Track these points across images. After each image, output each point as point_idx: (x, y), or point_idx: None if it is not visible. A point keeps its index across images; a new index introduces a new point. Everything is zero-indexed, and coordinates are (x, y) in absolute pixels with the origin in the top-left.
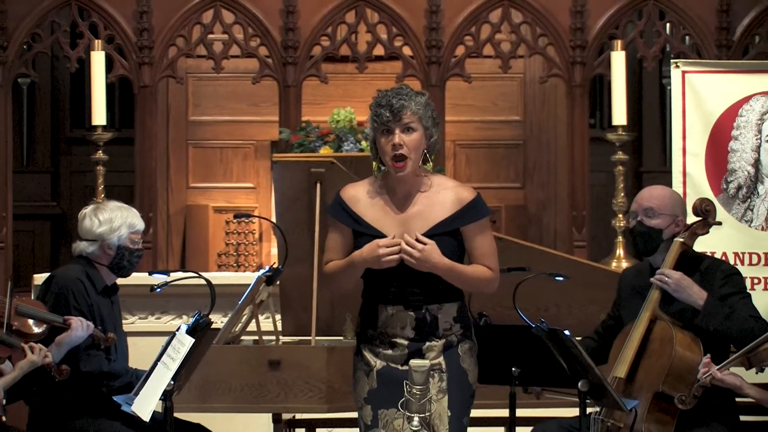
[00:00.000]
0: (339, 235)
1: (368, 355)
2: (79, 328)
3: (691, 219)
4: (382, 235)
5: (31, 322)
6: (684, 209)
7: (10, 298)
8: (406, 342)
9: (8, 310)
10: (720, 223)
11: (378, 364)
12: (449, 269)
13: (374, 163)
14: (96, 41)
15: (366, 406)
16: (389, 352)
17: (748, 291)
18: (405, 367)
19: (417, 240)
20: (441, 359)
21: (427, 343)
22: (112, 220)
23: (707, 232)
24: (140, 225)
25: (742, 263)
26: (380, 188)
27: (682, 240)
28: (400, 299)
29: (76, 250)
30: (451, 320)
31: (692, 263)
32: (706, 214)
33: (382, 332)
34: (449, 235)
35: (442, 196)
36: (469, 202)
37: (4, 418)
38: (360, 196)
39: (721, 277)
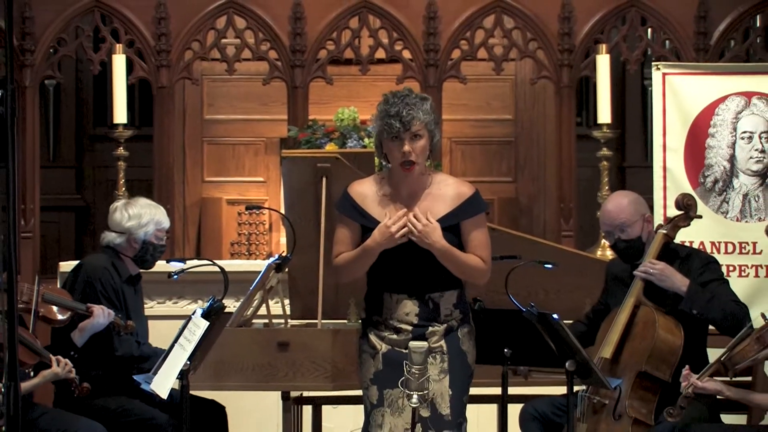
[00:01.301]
0: (347, 229)
1: (374, 339)
2: (101, 315)
3: (674, 212)
4: None
5: (55, 309)
6: (645, 204)
7: (38, 286)
8: (410, 327)
9: (36, 297)
10: (701, 217)
11: (383, 347)
12: (445, 250)
13: (377, 160)
14: (117, 45)
15: (372, 386)
16: (394, 336)
17: (725, 278)
18: (407, 349)
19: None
20: (443, 342)
21: (430, 328)
22: (141, 216)
23: (688, 225)
24: (166, 223)
25: (719, 252)
26: (386, 185)
27: (665, 232)
28: (404, 287)
29: (104, 240)
30: (452, 306)
31: (673, 254)
32: (687, 209)
33: (387, 318)
34: (449, 229)
35: (443, 192)
36: (468, 197)
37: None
38: (367, 192)
39: (700, 265)
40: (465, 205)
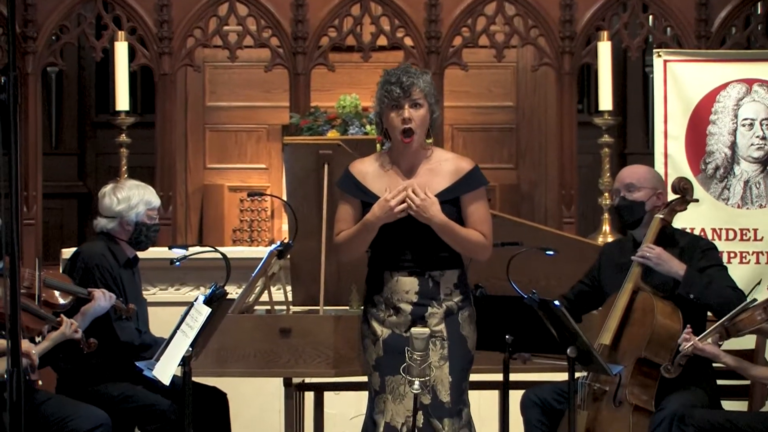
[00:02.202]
0: (349, 206)
1: (375, 325)
2: (102, 299)
3: (671, 197)
4: None
5: (57, 293)
6: (663, 184)
7: (39, 271)
8: (409, 308)
9: (38, 282)
10: (697, 200)
11: (384, 333)
12: (444, 224)
13: (378, 147)
14: (119, 32)
15: (374, 372)
16: (394, 318)
17: (724, 264)
18: (408, 334)
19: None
20: (442, 326)
21: (429, 310)
22: (130, 198)
23: (685, 209)
24: (156, 202)
25: (720, 239)
26: (386, 162)
27: (661, 216)
28: (404, 266)
29: (98, 227)
30: (452, 286)
31: (672, 239)
32: (684, 192)
33: (387, 297)
34: (449, 203)
35: (442, 168)
36: (468, 172)
37: (40, 382)
38: (368, 170)
39: (699, 251)
40: (464, 179)
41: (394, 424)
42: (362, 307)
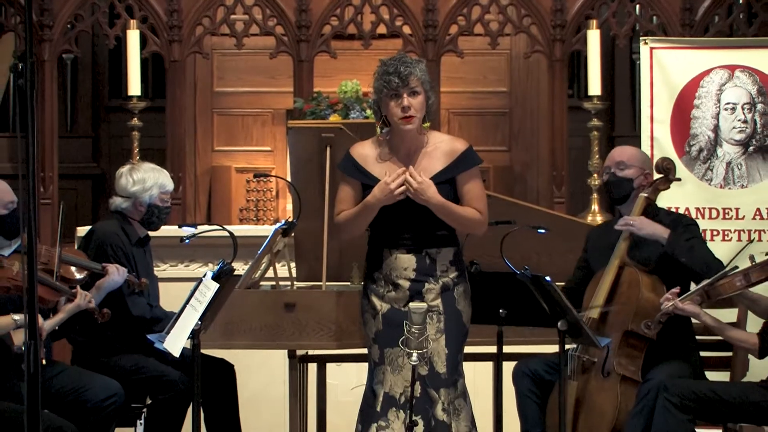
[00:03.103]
0: (350, 188)
1: (375, 300)
2: (116, 273)
3: (656, 176)
4: None
5: (73, 268)
6: (651, 165)
7: (59, 247)
8: (407, 284)
9: (57, 258)
10: (680, 179)
11: (383, 307)
12: (441, 205)
13: (377, 128)
14: (131, 21)
15: (374, 345)
16: (393, 293)
17: (704, 240)
18: (406, 309)
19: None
20: (439, 301)
21: (426, 285)
22: (145, 180)
23: (668, 188)
24: (170, 186)
25: (703, 217)
26: (385, 146)
27: (646, 195)
28: (403, 244)
29: (112, 205)
30: (448, 263)
31: (656, 217)
32: (666, 171)
33: (386, 274)
34: (446, 183)
35: (438, 150)
36: (462, 153)
37: (44, 361)
38: (368, 153)
39: (682, 226)
40: (459, 159)
41: (392, 393)
42: (362, 283)
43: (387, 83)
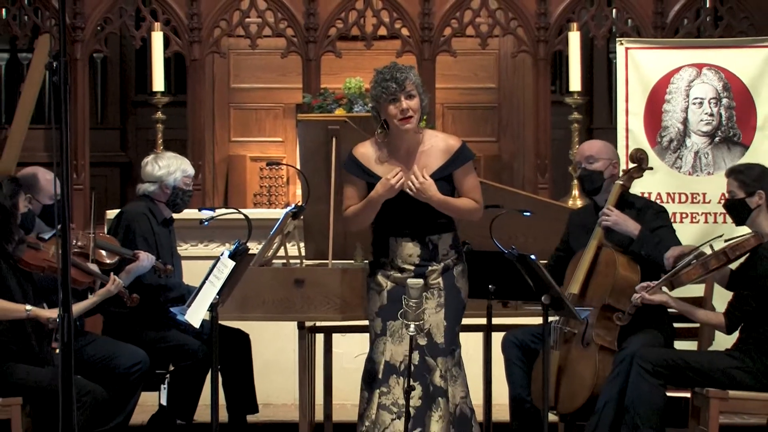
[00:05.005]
0: (354, 186)
1: (380, 278)
2: (145, 259)
3: (630, 165)
4: None
5: (104, 253)
6: (617, 155)
7: (94, 232)
8: (412, 268)
9: (92, 243)
10: (651, 168)
11: (388, 285)
12: (442, 201)
13: (377, 132)
14: (155, 23)
15: (377, 318)
16: (398, 275)
17: (673, 227)
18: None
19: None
20: (440, 279)
21: (429, 267)
22: (170, 165)
23: (641, 176)
24: (191, 171)
25: (673, 202)
26: (385, 147)
27: (621, 182)
28: (407, 232)
29: (140, 190)
30: (447, 247)
31: (629, 202)
32: (640, 161)
33: (392, 259)
34: (444, 179)
35: (435, 148)
36: (457, 150)
37: (57, 351)
38: (369, 153)
39: (652, 212)
40: (454, 157)
41: (393, 362)
42: (368, 265)
43: (385, 89)
